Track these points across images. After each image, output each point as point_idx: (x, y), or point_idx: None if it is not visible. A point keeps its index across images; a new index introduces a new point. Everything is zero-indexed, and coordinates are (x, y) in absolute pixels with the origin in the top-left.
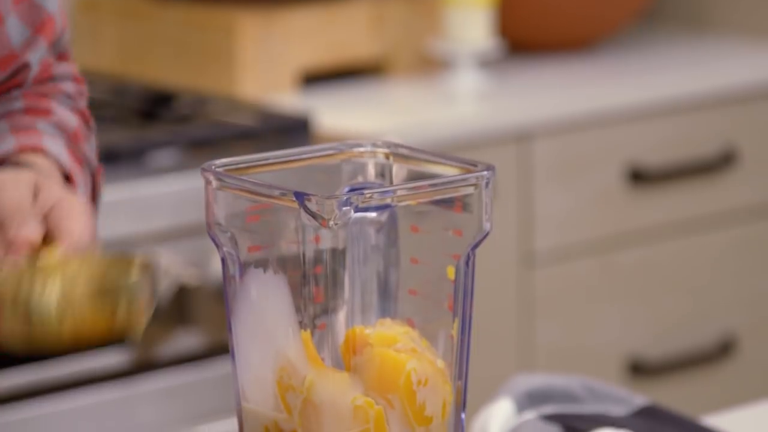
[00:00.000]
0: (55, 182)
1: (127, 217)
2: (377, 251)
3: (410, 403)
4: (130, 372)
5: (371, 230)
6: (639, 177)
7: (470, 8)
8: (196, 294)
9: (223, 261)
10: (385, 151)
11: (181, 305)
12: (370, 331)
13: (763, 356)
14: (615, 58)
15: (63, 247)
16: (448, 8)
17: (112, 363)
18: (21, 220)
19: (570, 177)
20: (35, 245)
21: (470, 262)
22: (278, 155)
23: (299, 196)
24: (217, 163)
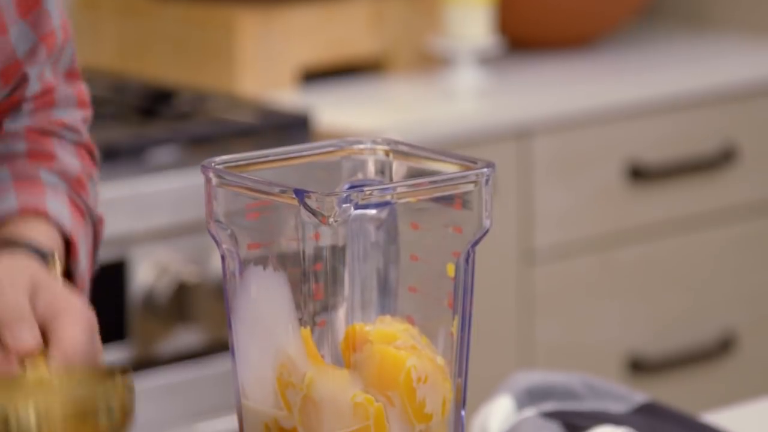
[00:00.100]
0: (54, 279)
1: (127, 215)
2: (377, 248)
3: (410, 400)
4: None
5: (371, 227)
6: (639, 174)
7: (470, 5)
8: (196, 291)
9: (222, 258)
10: (385, 148)
11: (181, 302)
12: (370, 328)
13: (763, 353)
14: (615, 55)
15: (53, 357)
16: (448, 5)
17: (111, 360)
18: (17, 328)
19: (570, 174)
20: (30, 354)
21: (470, 260)
22: (278, 152)
23: (299, 193)
24: (217, 160)
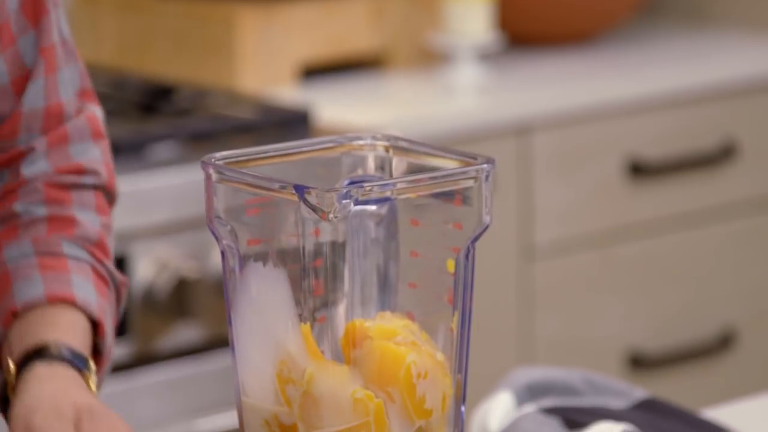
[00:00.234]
0: (95, 400)
1: (127, 211)
2: (377, 244)
3: (410, 396)
4: (130, 365)
5: (371, 223)
6: (639, 170)
7: (470, 1)
8: (195, 287)
9: (222, 254)
10: (385, 144)
11: (181, 298)
12: (369, 324)
13: (763, 349)
14: (615, 51)
15: None
16: (448, 1)
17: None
18: None
19: (570, 170)
20: None
21: (470, 255)
22: (278, 148)
23: (299, 189)
24: (217, 156)
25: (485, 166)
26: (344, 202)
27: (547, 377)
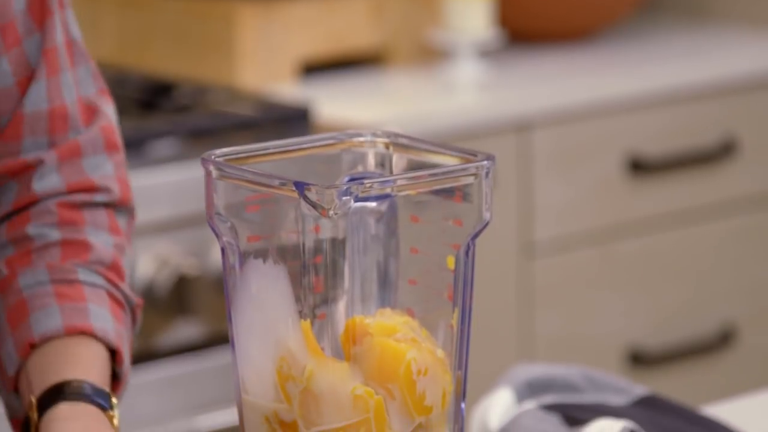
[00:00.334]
0: None
1: None
2: (377, 241)
3: (410, 393)
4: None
5: (371, 220)
6: (639, 167)
7: None
8: (195, 284)
9: (222, 251)
10: (385, 140)
11: (181, 295)
12: (370, 320)
13: (763, 346)
14: (615, 48)
15: None
16: None
17: None
18: None
19: (570, 167)
20: None
21: (470, 252)
22: (278, 145)
23: (299, 186)
24: (217, 152)
25: (485, 162)
26: (344, 198)
27: (547, 374)
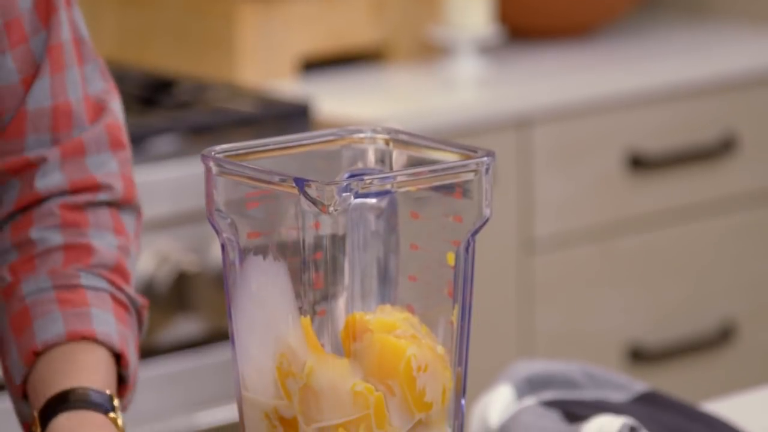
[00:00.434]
0: None
1: None
2: (377, 237)
3: (410, 389)
4: None
5: (371, 216)
6: (639, 163)
7: None
8: (195, 280)
9: (222, 247)
10: (385, 137)
11: (181, 292)
12: (370, 317)
13: (763, 342)
14: (615, 44)
15: None
16: None
17: None
18: None
19: (570, 163)
20: None
21: (470, 249)
22: (278, 141)
23: (299, 182)
24: (217, 149)
25: (485, 159)
26: (344, 195)
27: (547, 370)
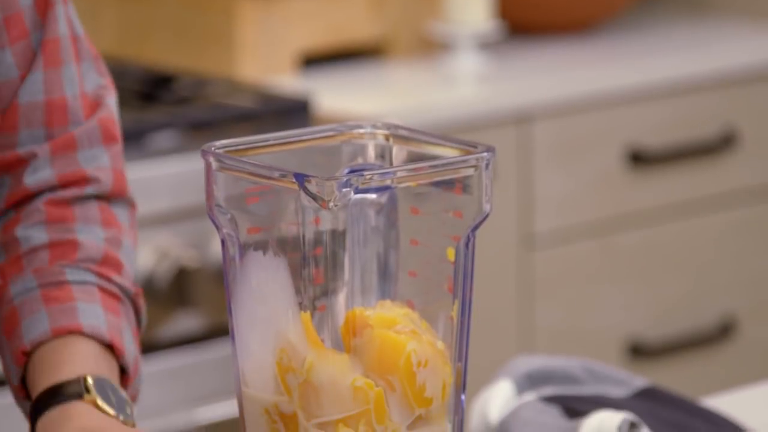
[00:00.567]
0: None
1: None
2: (377, 233)
3: (410, 385)
4: None
5: (371, 212)
6: (639, 159)
7: None
8: (196, 276)
9: (222, 243)
10: (385, 132)
11: (181, 287)
12: (370, 312)
13: (763, 338)
14: (615, 40)
15: None
16: None
17: None
18: None
19: (570, 159)
20: None
21: (470, 244)
22: (278, 137)
23: (299, 178)
24: (217, 144)
25: (485, 154)
26: (344, 190)
27: (547, 366)
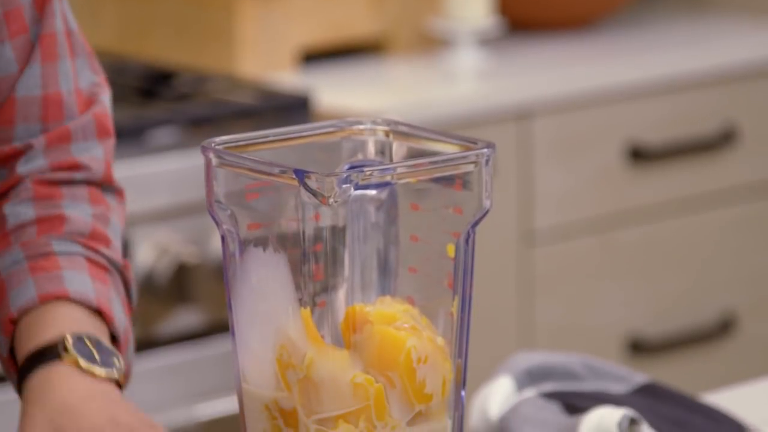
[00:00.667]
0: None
1: (127, 196)
2: (377, 229)
3: (410, 381)
4: None
5: (371, 208)
6: (639, 155)
7: None
8: (195, 272)
9: (222, 239)
10: (385, 128)
11: (181, 283)
12: (370, 308)
13: (763, 334)
14: (615, 36)
15: None
16: None
17: None
18: None
19: (570, 155)
20: None
21: (470, 240)
22: (278, 133)
23: (299, 174)
24: (217, 140)
25: (485, 150)
26: (344, 186)
27: (547, 362)
